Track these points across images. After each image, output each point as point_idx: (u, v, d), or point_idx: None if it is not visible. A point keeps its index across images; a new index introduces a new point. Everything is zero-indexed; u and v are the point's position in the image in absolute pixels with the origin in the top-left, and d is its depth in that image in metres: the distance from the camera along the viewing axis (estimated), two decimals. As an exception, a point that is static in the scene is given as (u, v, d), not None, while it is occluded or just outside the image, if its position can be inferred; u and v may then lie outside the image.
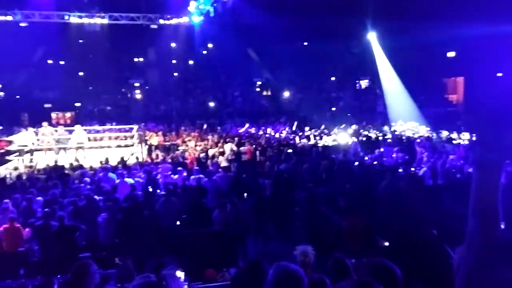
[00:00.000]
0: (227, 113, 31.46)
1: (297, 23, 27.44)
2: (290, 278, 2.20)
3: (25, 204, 7.31)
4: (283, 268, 2.25)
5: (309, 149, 14.69)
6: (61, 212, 6.94)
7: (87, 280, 3.06)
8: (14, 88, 32.76)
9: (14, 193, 8.72)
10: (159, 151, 16.75)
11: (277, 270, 2.25)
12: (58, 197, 8.10)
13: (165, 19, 26.88)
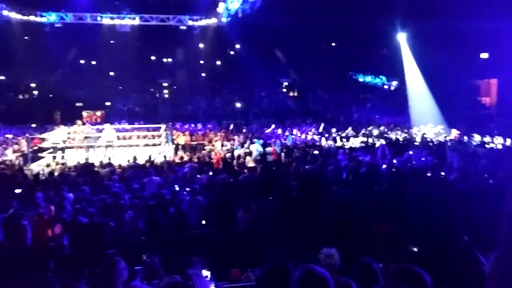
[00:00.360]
0: (253, 114, 31.52)
1: (325, 23, 27.21)
2: (317, 281, 2.18)
3: (57, 200, 7.52)
4: (310, 270, 2.23)
5: (335, 150, 14.53)
6: (90, 208, 7.11)
7: (115, 276, 3.12)
8: (47, 87, 33.85)
9: (46, 189, 8.99)
10: (185, 151, 16.96)
11: (303, 272, 2.23)
12: (88, 194, 8.30)
13: (194, 20, 27.17)
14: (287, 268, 2.70)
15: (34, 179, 10.54)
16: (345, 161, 11.83)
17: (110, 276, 3.12)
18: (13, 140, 18.80)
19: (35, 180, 10.39)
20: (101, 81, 34.16)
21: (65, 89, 33.03)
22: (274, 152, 15.26)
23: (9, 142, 18.30)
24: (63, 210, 7.28)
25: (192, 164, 12.64)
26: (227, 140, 18.40)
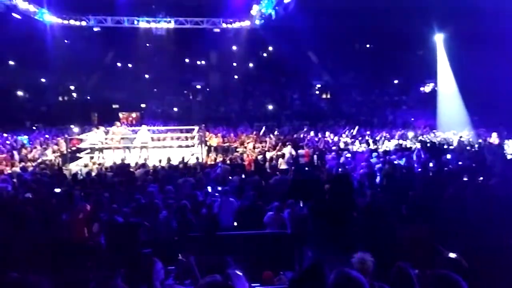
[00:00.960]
0: (285, 116, 31.45)
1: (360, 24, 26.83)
2: (352, 284, 2.13)
3: (94, 199, 7.73)
4: (345, 274, 2.18)
5: (369, 154, 14.27)
6: (126, 208, 7.28)
7: (154, 276, 3.18)
8: (86, 89, 35.03)
9: (84, 188, 9.28)
10: (217, 152, 17.09)
11: (339, 275, 2.19)
12: (124, 194, 8.50)
13: (227, 23, 27.41)
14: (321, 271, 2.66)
15: (72, 179, 10.89)
16: (379, 164, 11.61)
17: (149, 276, 3.19)
18: (52, 141, 19.51)
19: (73, 180, 10.73)
20: (136, 83, 35.05)
21: (103, 91, 34.14)
22: (307, 154, 15.15)
23: (49, 143, 19.00)
24: (99, 209, 7.48)
25: (224, 165, 12.73)
26: (259, 142, 18.41)
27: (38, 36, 26.02)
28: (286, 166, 13.70)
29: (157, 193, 8.44)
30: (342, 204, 8.60)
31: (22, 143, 19.27)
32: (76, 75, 34.12)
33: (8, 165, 13.75)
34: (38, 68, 30.93)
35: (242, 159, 14.80)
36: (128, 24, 26.92)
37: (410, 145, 17.49)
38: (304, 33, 28.04)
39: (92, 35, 28.13)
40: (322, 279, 2.53)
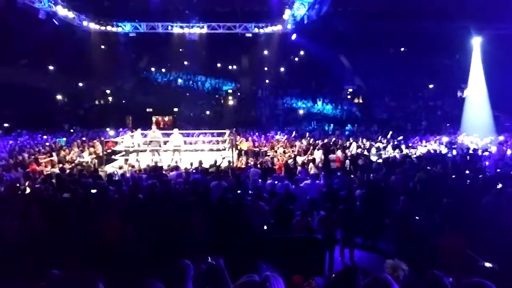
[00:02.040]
0: (316, 120, 31.26)
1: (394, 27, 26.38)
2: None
3: (129, 201, 7.94)
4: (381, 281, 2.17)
5: (402, 159, 13.99)
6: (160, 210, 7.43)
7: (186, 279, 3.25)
8: (121, 93, 36.02)
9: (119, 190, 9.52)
10: (248, 156, 17.18)
11: (371, 281, 2.18)
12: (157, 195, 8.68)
13: (259, 27, 27.58)
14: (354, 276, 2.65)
15: (107, 180, 11.20)
16: (413, 170, 11.37)
17: (182, 280, 3.25)
18: (89, 143, 20.14)
19: (109, 181, 11.03)
20: (169, 88, 35.74)
21: (137, 95, 34.99)
22: (338, 159, 15.02)
23: (86, 145, 19.62)
24: (134, 210, 7.66)
25: (255, 169, 12.79)
26: (290, 147, 18.38)
27: (77, 42, 26.98)
28: (316, 170, 13.64)
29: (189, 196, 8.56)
30: (374, 211, 8.51)
31: (60, 145, 19.98)
32: (112, 79, 35.16)
33: (47, 166, 14.31)
34: (76, 73, 32.05)
35: (272, 163, 14.82)
36: (162, 29, 27.54)
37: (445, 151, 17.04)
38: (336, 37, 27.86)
39: (127, 41, 28.94)
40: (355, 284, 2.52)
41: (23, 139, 22.25)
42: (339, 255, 7.91)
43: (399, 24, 25.40)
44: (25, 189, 10.20)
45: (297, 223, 7.54)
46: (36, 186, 10.05)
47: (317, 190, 10.19)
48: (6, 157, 15.50)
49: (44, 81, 31.60)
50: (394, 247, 7.77)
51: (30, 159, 14.96)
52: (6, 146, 19.06)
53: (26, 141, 21.37)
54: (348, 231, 7.92)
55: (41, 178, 11.41)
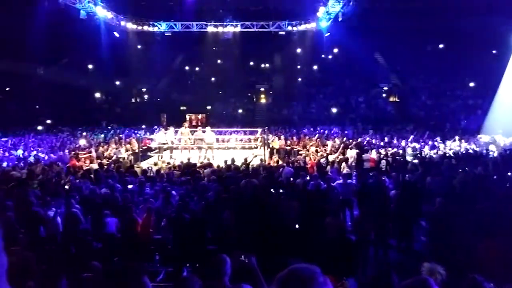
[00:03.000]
0: (349, 119, 30.82)
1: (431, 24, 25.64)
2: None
3: (163, 196, 8.11)
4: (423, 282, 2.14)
5: (439, 160, 13.61)
6: (192, 206, 7.56)
7: (223, 273, 3.31)
8: (156, 92, 36.79)
9: (154, 185, 9.76)
10: (280, 155, 17.16)
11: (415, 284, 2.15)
12: (191, 191, 8.84)
13: (293, 25, 27.46)
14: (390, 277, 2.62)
15: (143, 176, 11.48)
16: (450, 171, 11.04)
17: (219, 273, 3.31)
18: (126, 140, 20.69)
19: (144, 176, 11.31)
20: (203, 86, 36.20)
21: (171, 94, 35.65)
22: (372, 159, 14.76)
23: (123, 142, 20.17)
24: (168, 205, 7.83)
25: (287, 168, 12.77)
26: (322, 146, 18.23)
27: (115, 41, 27.75)
28: (348, 170, 13.48)
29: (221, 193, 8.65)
30: (409, 212, 8.31)
31: (99, 141, 20.63)
32: (147, 78, 35.98)
33: (86, 161, 14.82)
34: (113, 72, 33.00)
35: (305, 162, 14.75)
36: (197, 28, 27.89)
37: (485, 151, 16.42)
38: (371, 34, 27.38)
39: (163, 40, 29.50)
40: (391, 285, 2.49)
41: (63, 136, 23.13)
42: (373, 256, 7.80)
43: (437, 20, 24.66)
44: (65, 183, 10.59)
45: (330, 222, 7.48)
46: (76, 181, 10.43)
47: (350, 190, 10.06)
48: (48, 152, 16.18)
49: (84, 80, 32.73)
50: (430, 249, 7.58)
51: (71, 154, 15.54)
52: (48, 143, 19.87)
53: (66, 137, 22.21)
54: (382, 232, 7.78)
55: (80, 173, 11.83)
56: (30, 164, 13.29)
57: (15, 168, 12.22)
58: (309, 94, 35.81)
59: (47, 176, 11.13)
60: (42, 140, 20.57)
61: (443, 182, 10.02)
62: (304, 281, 1.14)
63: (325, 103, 34.47)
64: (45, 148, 17.89)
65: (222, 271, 3.37)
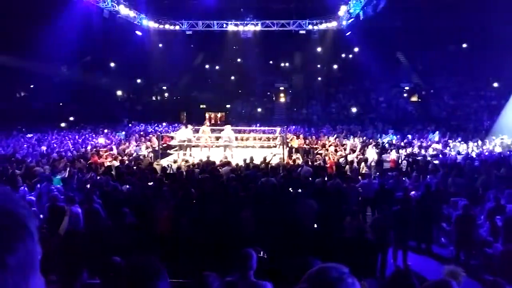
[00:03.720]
0: (369, 119, 30.50)
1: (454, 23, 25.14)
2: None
3: (183, 194, 8.19)
4: (445, 285, 2.12)
5: (461, 161, 13.36)
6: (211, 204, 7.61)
7: (249, 267, 3.38)
8: (176, 90, 37.16)
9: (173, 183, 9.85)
10: (299, 154, 17.11)
11: (436, 286, 2.13)
12: (209, 189, 8.89)
13: (314, 24, 27.31)
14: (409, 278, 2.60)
15: (162, 173, 11.62)
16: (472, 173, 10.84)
17: (244, 268, 3.37)
18: (146, 137, 20.96)
19: (163, 174, 11.44)
20: (223, 85, 36.38)
21: (191, 92, 35.94)
22: (392, 159, 14.59)
23: (143, 139, 20.44)
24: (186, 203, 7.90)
25: (307, 167, 12.73)
26: (341, 145, 18.11)
27: (137, 40, 28.12)
28: (367, 170, 13.36)
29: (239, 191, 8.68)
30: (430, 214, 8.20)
31: (120, 138, 20.95)
32: (168, 76, 36.34)
33: (107, 158, 15.07)
34: (135, 70, 33.46)
35: (324, 161, 14.67)
36: (217, 27, 28.00)
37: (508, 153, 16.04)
38: (393, 33, 27.04)
39: (184, 39, 29.74)
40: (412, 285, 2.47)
41: (85, 132, 23.57)
42: (392, 257, 7.72)
43: (460, 19, 24.16)
44: (87, 180, 10.80)
45: (349, 222, 7.44)
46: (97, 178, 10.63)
47: (371, 190, 9.99)
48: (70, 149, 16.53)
49: (106, 78, 33.29)
50: (451, 252, 7.47)
51: (92, 151, 15.83)
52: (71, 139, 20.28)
53: (88, 134, 22.62)
54: (401, 234, 7.69)
55: (102, 170, 12.04)
56: (53, 160, 13.59)
57: (38, 164, 12.53)
58: (328, 94, 35.60)
59: (69, 172, 11.38)
60: (65, 137, 21.00)
61: (465, 184, 9.85)
62: (332, 281, 1.15)
63: (345, 103, 34.21)
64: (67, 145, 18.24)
65: (248, 265, 3.42)
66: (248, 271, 3.42)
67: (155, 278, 1.82)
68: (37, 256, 0.62)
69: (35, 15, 22.20)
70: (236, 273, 3.48)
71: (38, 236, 0.63)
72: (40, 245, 0.64)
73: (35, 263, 0.62)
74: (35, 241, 0.62)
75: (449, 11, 24.82)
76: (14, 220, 0.59)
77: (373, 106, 33.54)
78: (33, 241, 0.61)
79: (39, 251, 0.63)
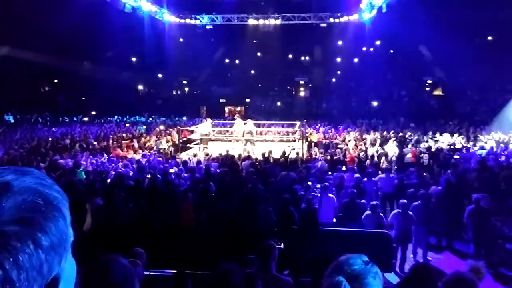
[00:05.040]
0: (391, 113, 30.05)
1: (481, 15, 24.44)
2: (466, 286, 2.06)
3: (202, 187, 8.26)
4: (466, 281, 2.11)
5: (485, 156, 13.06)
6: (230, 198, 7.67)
7: (272, 258, 3.42)
8: (196, 84, 37.37)
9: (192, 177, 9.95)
10: (318, 148, 17.03)
11: (453, 277, 2.12)
12: (228, 183, 8.95)
13: (335, 17, 26.99)
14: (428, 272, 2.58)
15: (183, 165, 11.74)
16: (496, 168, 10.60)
17: (267, 260, 3.40)
18: (166, 131, 21.18)
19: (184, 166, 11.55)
20: (242, 79, 36.39)
21: (211, 86, 36.08)
22: (413, 153, 14.37)
23: (163, 133, 20.67)
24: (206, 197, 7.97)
25: (323, 161, 12.68)
26: (361, 140, 17.94)
27: (158, 34, 28.35)
28: (388, 165, 13.21)
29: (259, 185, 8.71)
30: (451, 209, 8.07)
31: (141, 132, 21.24)
32: (188, 70, 36.56)
33: (129, 151, 15.33)
34: (156, 64, 33.78)
35: (344, 155, 14.58)
36: (238, 21, 27.95)
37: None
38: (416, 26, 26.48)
39: (204, 33, 29.83)
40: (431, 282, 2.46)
41: (107, 126, 23.97)
42: (412, 252, 7.64)
43: (485, 11, 23.48)
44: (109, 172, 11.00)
45: (368, 217, 7.39)
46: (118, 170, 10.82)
47: (391, 185, 9.89)
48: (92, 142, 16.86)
49: (127, 73, 33.72)
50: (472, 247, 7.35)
51: (114, 144, 16.11)
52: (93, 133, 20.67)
53: (110, 128, 23.00)
54: (422, 229, 7.60)
55: (123, 163, 12.25)
56: (76, 152, 13.90)
57: (62, 157, 12.83)
58: (349, 87, 35.22)
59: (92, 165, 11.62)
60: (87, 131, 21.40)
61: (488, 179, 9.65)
62: (358, 272, 1.18)
63: (366, 97, 33.79)
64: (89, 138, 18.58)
65: (271, 256, 3.46)
66: (271, 262, 3.46)
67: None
68: (70, 238, 0.66)
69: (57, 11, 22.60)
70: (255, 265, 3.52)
71: (70, 220, 0.66)
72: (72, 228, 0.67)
73: (68, 245, 0.65)
74: (67, 224, 0.65)
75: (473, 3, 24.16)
76: (48, 201, 0.62)
77: (395, 101, 33.03)
78: (66, 223, 0.64)
79: (71, 233, 0.66)
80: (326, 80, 36.56)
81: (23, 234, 0.57)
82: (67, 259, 0.65)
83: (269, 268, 3.45)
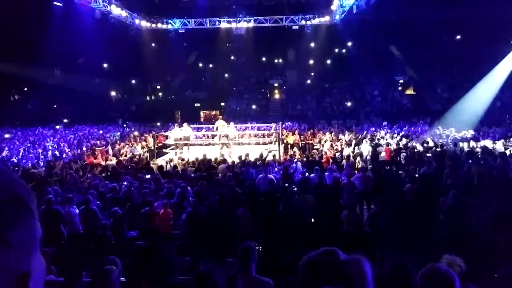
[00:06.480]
0: (364, 113, 30.55)
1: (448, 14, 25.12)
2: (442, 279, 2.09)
3: (180, 191, 8.18)
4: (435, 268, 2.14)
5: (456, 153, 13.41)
6: (208, 201, 7.62)
7: (252, 260, 3.41)
8: (170, 89, 37.05)
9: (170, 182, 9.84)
10: (295, 149, 17.15)
11: (428, 270, 2.15)
12: (205, 187, 8.89)
13: (306, 19, 27.26)
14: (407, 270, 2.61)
15: (159, 171, 11.61)
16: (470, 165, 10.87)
17: (247, 262, 3.39)
18: (141, 137, 20.91)
19: (161, 172, 11.43)
20: (217, 82, 36.30)
21: (185, 91, 35.83)
22: (387, 152, 14.63)
23: (138, 139, 20.39)
24: (184, 201, 7.90)
25: (299, 162, 12.76)
26: (337, 140, 18.16)
27: (129, 40, 27.97)
28: (363, 164, 13.41)
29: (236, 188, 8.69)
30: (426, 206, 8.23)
31: (115, 139, 20.88)
32: (161, 75, 36.22)
33: (103, 159, 15.04)
34: (129, 70, 33.29)
35: (320, 156, 14.72)
36: (210, 25, 27.88)
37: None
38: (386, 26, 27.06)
39: (176, 37, 29.62)
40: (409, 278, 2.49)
41: (81, 133, 23.45)
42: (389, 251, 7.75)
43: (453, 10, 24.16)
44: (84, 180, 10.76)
45: (346, 216, 7.47)
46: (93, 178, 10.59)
47: (366, 184, 10.02)
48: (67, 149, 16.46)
49: (100, 78, 33.13)
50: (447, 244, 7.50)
51: (87, 152, 15.78)
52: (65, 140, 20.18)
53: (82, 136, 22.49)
54: (397, 226, 7.72)
55: (98, 170, 12.01)
56: (48, 161, 13.54)
57: (34, 167, 12.48)
58: (323, 89, 35.61)
59: (66, 173, 11.34)
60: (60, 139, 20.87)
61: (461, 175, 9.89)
62: None
63: (340, 98, 34.23)
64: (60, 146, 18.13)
65: (250, 258, 3.43)
66: (251, 264, 3.44)
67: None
68: (38, 234, 0.63)
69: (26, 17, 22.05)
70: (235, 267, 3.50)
71: (38, 215, 0.64)
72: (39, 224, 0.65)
73: (36, 241, 0.63)
74: (35, 219, 0.63)
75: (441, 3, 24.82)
76: (14, 197, 0.60)
77: (368, 100, 33.59)
78: (34, 219, 0.62)
79: (40, 229, 0.64)
80: (300, 82, 36.87)
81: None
82: (36, 255, 0.63)
83: (249, 270, 3.44)
